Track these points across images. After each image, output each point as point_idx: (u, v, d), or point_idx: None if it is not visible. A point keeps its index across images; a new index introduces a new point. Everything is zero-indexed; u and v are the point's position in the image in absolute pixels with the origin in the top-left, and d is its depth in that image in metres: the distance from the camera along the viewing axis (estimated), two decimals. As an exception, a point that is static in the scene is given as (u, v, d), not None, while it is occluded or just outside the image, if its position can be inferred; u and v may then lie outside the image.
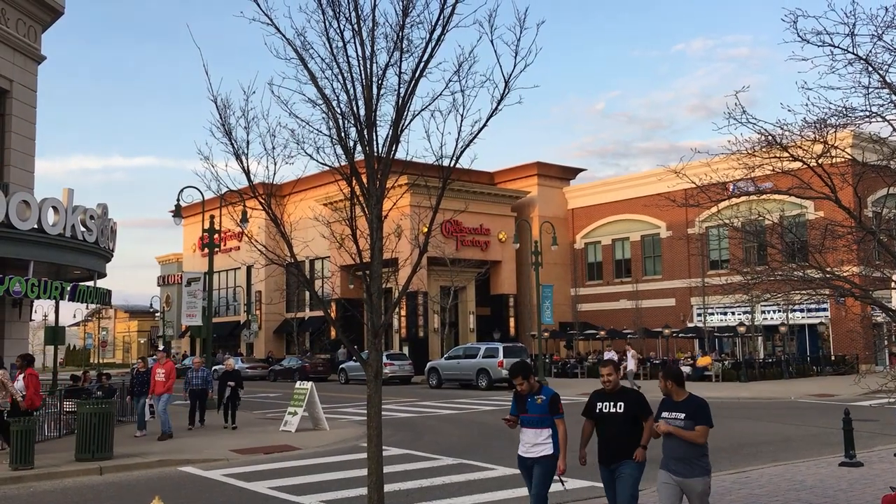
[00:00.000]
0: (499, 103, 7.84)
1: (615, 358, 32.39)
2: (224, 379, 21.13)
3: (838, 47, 7.59)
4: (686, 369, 38.71)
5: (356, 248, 8.24)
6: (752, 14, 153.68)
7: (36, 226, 17.68)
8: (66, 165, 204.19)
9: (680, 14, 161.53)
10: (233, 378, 20.90)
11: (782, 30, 7.70)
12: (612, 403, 7.66)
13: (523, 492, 11.61)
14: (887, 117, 7.83)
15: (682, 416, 7.20)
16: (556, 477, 7.90)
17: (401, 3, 7.77)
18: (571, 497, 10.55)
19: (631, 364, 33.69)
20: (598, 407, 7.75)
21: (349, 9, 7.85)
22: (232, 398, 20.52)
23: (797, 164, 8.49)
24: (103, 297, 21.31)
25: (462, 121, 7.91)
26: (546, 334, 44.59)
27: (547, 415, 7.80)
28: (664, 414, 7.31)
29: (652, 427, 7.43)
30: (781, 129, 8.27)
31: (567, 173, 58.72)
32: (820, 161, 8.34)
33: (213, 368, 30.63)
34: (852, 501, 10.14)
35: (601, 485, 8.03)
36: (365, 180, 8.08)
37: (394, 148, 8.06)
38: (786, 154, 8.39)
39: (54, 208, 18.35)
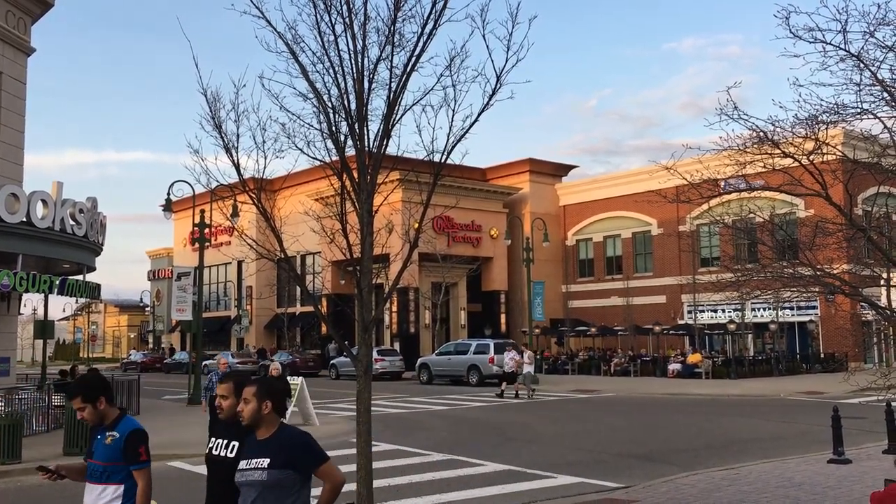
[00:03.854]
0: (490, 98, 7.81)
1: (517, 358, 29.62)
2: None
3: (830, 44, 7.58)
4: (676, 366, 38.84)
5: (347, 243, 8.20)
6: (744, 13, 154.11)
7: (25, 219, 17.57)
8: (59, 160, 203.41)
9: (671, 13, 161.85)
10: None
11: (774, 26, 7.70)
12: (224, 442, 4.99)
13: (513, 488, 11.65)
14: (878, 114, 7.83)
15: (266, 462, 4.42)
16: None
17: (392, -3, 7.73)
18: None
19: (527, 367, 29.59)
20: (210, 445, 5.09)
21: (341, 2, 7.80)
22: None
23: (788, 161, 8.49)
24: (92, 291, 21.20)
25: (454, 115, 7.87)
26: (537, 331, 44.66)
27: (119, 462, 5.01)
28: (242, 464, 4.54)
29: None
30: (773, 125, 8.27)
31: (559, 170, 58.75)
32: (811, 158, 8.34)
33: (204, 364, 30.49)
34: (840, 498, 10.17)
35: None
36: (356, 175, 8.04)
37: (385, 142, 8.02)
38: (777, 151, 8.39)
39: (43, 201, 18.24)
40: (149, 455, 5.08)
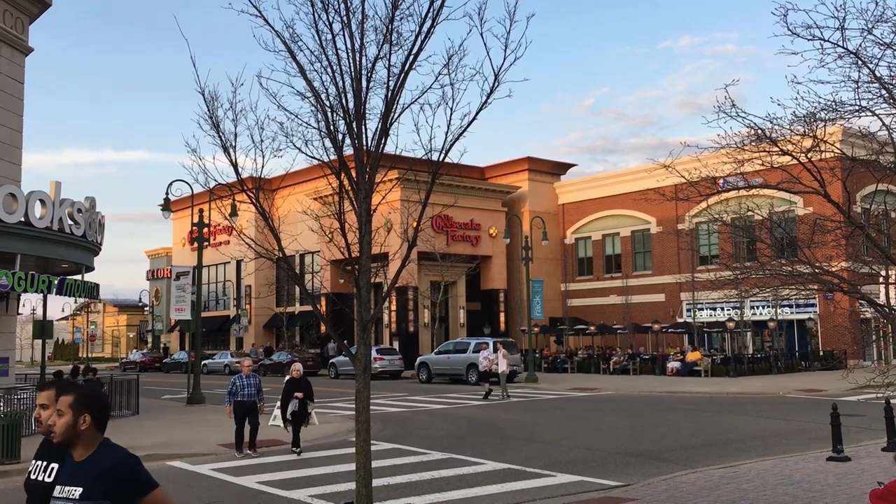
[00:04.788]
0: (488, 96, 7.82)
1: (490, 357, 28.51)
2: (289, 389, 16.25)
3: (828, 41, 7.58)
4: (675, 364, 38.84)
5: (345, 242, 8.20)
6: (740, 11, 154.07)
7: (23, 219, 17.55)
8: (57, 159, 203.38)
9: (667, 11, 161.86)
10: (300, 388, 16.14)
11: (771, 24, 7.70)
12: (44, 464, 4.19)
13: (512, 486, 11.65)
14: (876, 111, 7.84)
15: (78, 492, 3.65)
16: None
17: (390, -4, 7.72)
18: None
19: (502, 366, 28.30)
20: (32, 467, 4.29)
21: (338, 1, 7.81)
22: (300, 414, 16.07)
23: (787, 159, 8.49)
24: (91, 290, 21.18)
25: (452, 114, 7.89)
26: (536, 329, 44.61)
27: None
28: (56, 491, 3.75)
29: None
30: (771, 122, 8.27)
31: (558, 168, 58.73)
32: (809, 156, 8.34)
33: (203, 363, 30.49)
34: (840, 496, 10.17)
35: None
36: (354, 174, 8.04)
37: (383, 141, 8.02)
38: (775, 148, 8.38)
39: (41, 201, 18.22)
40: None
